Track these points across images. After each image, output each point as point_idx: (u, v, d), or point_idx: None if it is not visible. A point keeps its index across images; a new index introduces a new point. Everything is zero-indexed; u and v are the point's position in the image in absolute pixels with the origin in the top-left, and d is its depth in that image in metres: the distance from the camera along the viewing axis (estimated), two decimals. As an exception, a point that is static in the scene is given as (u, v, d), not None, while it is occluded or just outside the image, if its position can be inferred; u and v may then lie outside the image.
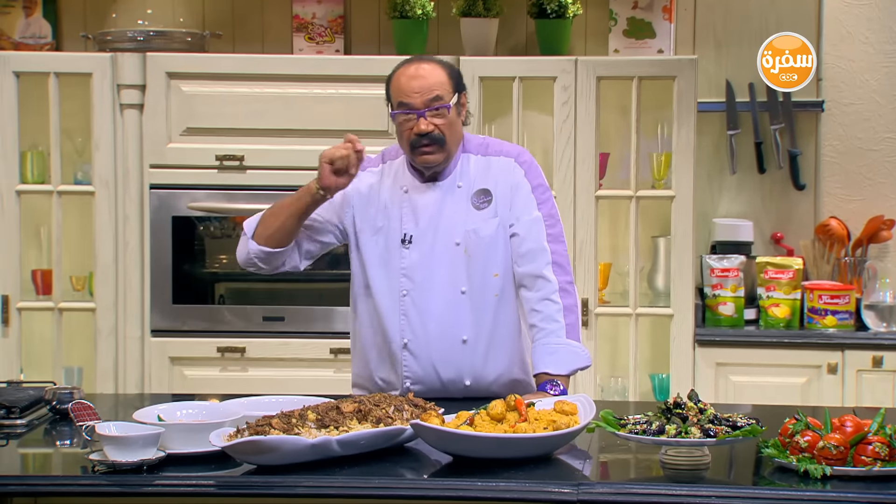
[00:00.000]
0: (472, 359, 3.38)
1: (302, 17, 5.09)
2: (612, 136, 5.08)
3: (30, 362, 4.96)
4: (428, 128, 3.29)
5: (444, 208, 3.38)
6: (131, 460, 2.66)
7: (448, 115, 3.31)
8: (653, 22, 4.96)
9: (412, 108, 3.30)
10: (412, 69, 3.34)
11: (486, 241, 3.36)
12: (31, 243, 5.05)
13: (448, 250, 3.36)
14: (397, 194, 3.41)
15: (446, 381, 3.39)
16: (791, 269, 4.96)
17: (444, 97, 3.31)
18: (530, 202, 3.39)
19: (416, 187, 3.40)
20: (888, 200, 5.16)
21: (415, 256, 3.36)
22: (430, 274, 3.36)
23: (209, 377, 4.82)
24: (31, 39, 5.16)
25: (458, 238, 3.36)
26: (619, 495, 2.58)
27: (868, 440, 2.62)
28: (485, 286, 3.37)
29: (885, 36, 5.13)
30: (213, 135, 4.80)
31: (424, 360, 3.38)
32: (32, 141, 4.96)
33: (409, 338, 3.38)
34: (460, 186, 3.39)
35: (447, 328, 3.36)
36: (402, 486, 2.64)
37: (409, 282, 3.37)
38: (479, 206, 3.38)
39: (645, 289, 4.98)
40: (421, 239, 3.37)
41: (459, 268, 3.36)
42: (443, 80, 3.33)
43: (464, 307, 3.36)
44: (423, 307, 3.36)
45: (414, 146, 3.32)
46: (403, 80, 3.33)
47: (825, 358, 4.77)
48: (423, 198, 3.39)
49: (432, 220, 3.37)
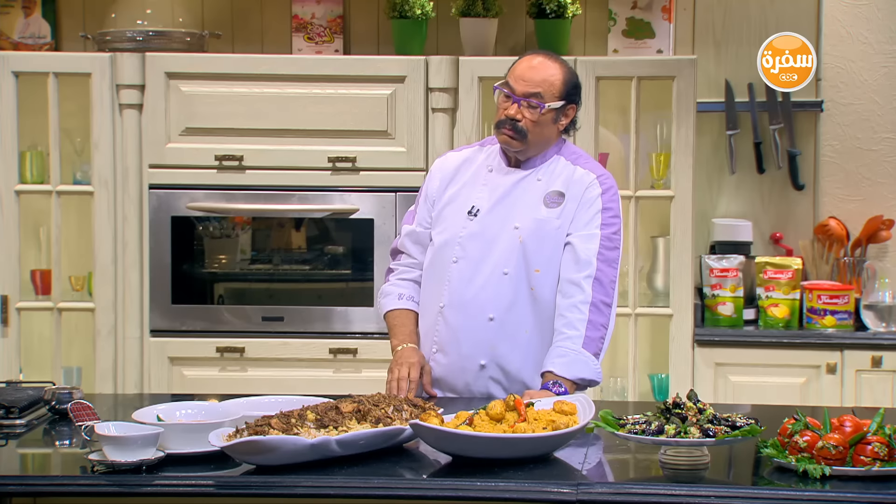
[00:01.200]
0: (494, 339, 3.44)
1: (301, 17, 5.09)
2: (611, 136, 5.08)
3: (29, 362, 4.96)
4: (516, 115, 3.42)
5: (515, 192, 3.48)
6: (130, 460, 2.66)
7: (540, 113, 3.41)
8: (652, 22, 4.96)
9: (513, 91, 3.42)
10: (534, 60, 3.45)
11: (541, 235, 3.43)
12: (30, 243, 5.05)
13: (506, 231, 3.45)
14: (482, 172, 3.55)
15: (465, 353, 3.45)
16: (790, 269, 4.96)
17: (544, 96, 3.41)
18: (595, 219, 3.46)
19: (500, 168, 3.53)
20: (887, 200, 5.16)
21: (475, 228, 3.47)
22: (481, 248, 3.45)
23: (208, 377, 4.82)
24: (30, 39, 5.16)
25: (518, 223, 3.44)
26: (619, 495, 2.58)
27: (867, 440, 2.62)
28: (526, 276, 3.44)
29: (884, 36, 5.13)
30: (212, 135, 4.80)
31: (452, 328, 3.46)
32: (32, 141, 4.95)
33: (444, 302, 3.47)
34: (540, 180, 3.49)
35: (478, 301, 3.44)
36: (401, 486, 2.64)
37: (461, 250, 3.47)
38: (549, 205, 3.46)
39: (644, 289, 4.98)
40: (486, 215, 3.48)
41: (510, 251, 3.44)
42: (553, 82, 3.42)
43: (501, 287, 3.43)
44: (466, 277, 3.46)
45: (499, 125, 3.45)
46: (521, 64, 3.45)
47: (824, 358, 4.77)
48: (502, 179, 3.51)
49: (502, 200, 3.48)
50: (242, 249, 4.96)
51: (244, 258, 4.96)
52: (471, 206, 3.50)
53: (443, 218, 3.54)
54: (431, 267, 3.54)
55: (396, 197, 4.78)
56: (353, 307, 4.83)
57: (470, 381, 3.46)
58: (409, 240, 3.62)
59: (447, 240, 3.50)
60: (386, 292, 3.62)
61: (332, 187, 4.81)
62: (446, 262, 3.49)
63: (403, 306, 3.57)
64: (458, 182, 3.56)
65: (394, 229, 4.76)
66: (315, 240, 4.95)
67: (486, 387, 3.46)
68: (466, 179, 3.55)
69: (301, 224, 4.92)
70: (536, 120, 3.42)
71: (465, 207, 3.50)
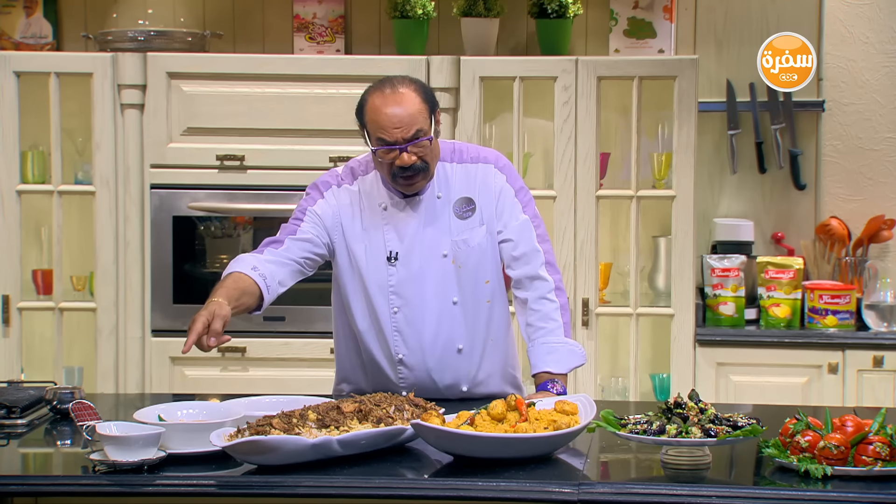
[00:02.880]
0: (468, 366, 3.40)
1: (302, 17, 5.09)
2: (612, 135, 5.08)
3: (30, 362, 4.96)
4: (411, 159, 3.21)
5: (426, 222, 3.33)
6: (132, 460, 2.66)
7: (430, 145, 3.24)
8: (653, 22, 4.96)
9: (393, 143, 3.20)
10: (388, 100, 3.20)
11: (475, 250, 3.35)
12: (31, 243, 5.05)
13: (436, 263, 3.33)
14: (377, 213, 3.34)
15: (443, 388, 3.40)
16: (792, 268, 4.96)
17: (424, 129, 3.21)
18: (516, 207, 3.38)
19: (395, 203, 3.33)
20: (889, 200, 5.15)
21: (402, 273, 3.33)
22: (419, 289, 3.33)
23: (210, 377, 4.82)
24: (31, 39, 5.17)
25: (446, 250, 3.34)
26: (620, 495, 2.58)
27: (869, 440, 2.62)
28: (476, 294, 3.37)
29: (885, 36, 5.13)
30: (213, 135, 4.80)
31: (420, 371, 3.38)
32: (33, 141, 4.96)
33: (403, 353, 3.36)
34: (440, 197, 3.35)
35: (442, 340, 3.36)
36: (402, 486, 2.64)
37: (398, 298, 3.34)
38: (462, 216, 3.35)
39: (645, 289, 4.98)
40: (406, 255, 3.33)
41: (449, 279, 3.34)
42: (421, 109, 3.21)
43: (457, 317, 3.36)
44: (415, 322, 3.34)
45: (395, 176, 3.25)
46: (383, 116, 3.19)
47: (826, 358, 4.77)
48: (403, 214, 3.33)
49: (416, 234, 3.33)
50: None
51: (245, 258, 4.95)
52: (387, 252, 3.32)
53: (354, 270, 3.33)
54: (370, 320, 3.35)
55: (398, 197, 4.78)
56: (354, 307, 4.83)
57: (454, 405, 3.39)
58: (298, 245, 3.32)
59: (377, 291, 3.32)
60: (241, 259, 3.29)
61: (333, 187, 4.80)
62: (384, 315, 3.33)
63: (252, 276, 3.24)
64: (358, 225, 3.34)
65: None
66: (316, 240, 4.94)
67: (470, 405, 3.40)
68: (365, 222, 3.34)
69: (302, 224, 4.91)
70: (429, 150, 3.23)
71: (380, 255, 3.32)
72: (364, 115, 3.26)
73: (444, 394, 3.39)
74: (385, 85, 3.24)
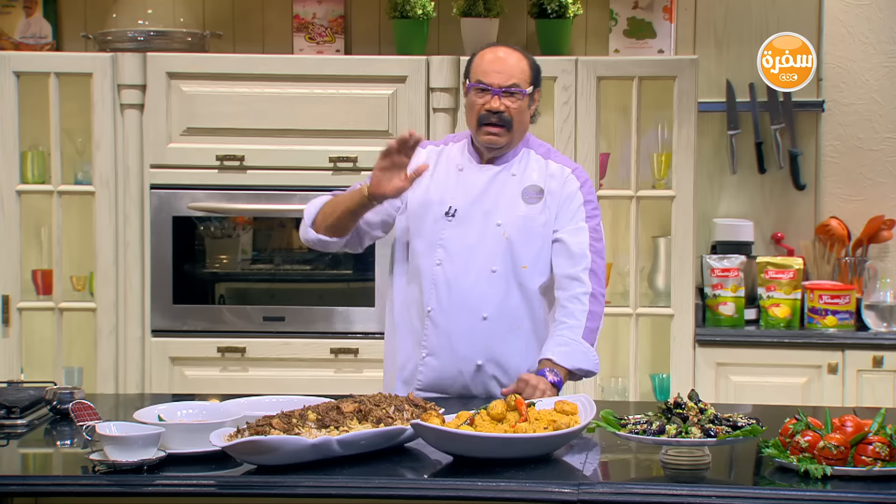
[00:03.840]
0: (489, 338, 3.43)
1: (302, 17, 5.09)
2: (612, 136, 5.08)
3: (30, 362, 4.96)
4: (500, 107, 3.38)
5: (492, 189, 3.45)
6: (132, 460, 2.66)
7: (521, 100, 3.40)
8: (653, 22, 4.96)
9: (489, 86, 3.38)
10: (498, 52, 3.42)
11: (527, 232, 3.43)
12: (31, 243, 5.05)
13: (488, 229, 3.43)
14: (452, 172, 3.49)
15: (460, 356, 3.43)
16: (791, 269, 4.96)
17: (521, 85, 3.39)
18: (580, 213, 3.46)
19: (471, 167, 3.49)
20: (888, 200, 5.15)
21: (455, 230, 3.44)
22: (465, 248, 3.43)
23: (210, 377, 4.82)
24: (31, 39, 5.16)
25: (500, 220, 3.43)
26: (620, 495, 2.58)
27: (868, 440, 2.62)
28: (514, 272, 3.43)
29: (885, 36, 5.13)
30: (213, 135, 4.80)
31: (443, 331, 3.43)
32: (33, 141, 4.95)
33: (432, 306, 3.44)
34: (514, 175, 3.47)
35: (470, 302, 3.42)
36: (402, 486, 2.64)
37: (444, 252, 3.43)
38: (528, 201, 3.45)
39: (645, 289, 4.98)
40: (464, 214, 3.44)
41: (495, 248, 3.42)
42: (524, 69, 3.42)
43: (491, 286, 3.42)
44: (452, 278, 3.42)
45: (481, 122, 3.41)
46: (487, 59, 3.41)
47: (825, 358, 4.77)
48: (475, 177, 3.47)
49: (479, 198, 3.45)
50: (243, 249, 4.96)
51: (245, 258, 4.97)
52: (447, 206, 3.45)
53: (417, 219, 3.48)
54: (410, 271, 3.49)
55: (397, 197, 4.78)
56: (354, 307, 4.83)
57: (468, 383, 3.45)
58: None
59: (427, 243, 3.45)
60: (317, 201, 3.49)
61: (333, 187, 4.78)
62: (428, 265, 3.45)
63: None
64: (428, 179, 3.48)
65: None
66: (316, 240, 4.94)
67: (486, 386, 3.45)
68: (436, 178, 3.49)
69: (302, 224, 4.92)
70: (518, 107, 3.41)
71: (441, 208, 3.46)
72: (470, 67, 3.46)
73: (459, 367, 3.43)
74: (500, 45, 3.49)
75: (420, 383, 3.48)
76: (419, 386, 3.48)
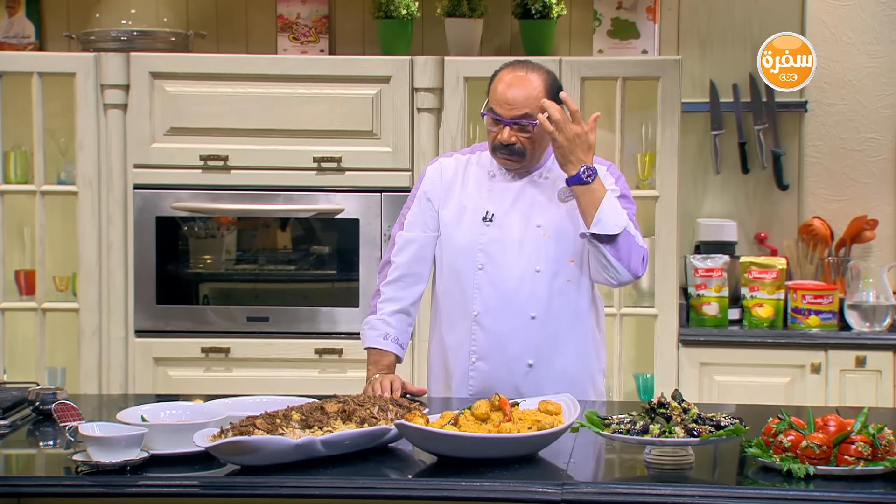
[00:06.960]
0: (539, 337, 3.43)
1: (286, 17, 5.09)
2: (596, 136, 5.07)
3: (13, 363, 4.95)
4: (510, 139, 3.38)
5: (526, 193, 3.47)
6: (115, 461, 2.65)
7: (532, 131, 3.38)
8: (637, 22, 4.97)
9: (501, 116, 3.38)
10: (513, 76, 3.39)
11: (567, 228, 3.42)
12: (14, 243, 5.03)
13: (529, 230, 3.44)
14: (484, 177, 3.51)
15: (511, 356, 3.42)
16: (775, 269, 4.97)
17: (532, 114, 3.35)
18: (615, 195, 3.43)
19: (503, 174, 3.50)
20: (871, 201, 5.17)
21: (494, 233, 3.44)
22: (506, 251, 3.43)
23: (193, 377, 4.81)
24: (14, 39, 5.15)
25: (540, 221, 3.44)
26: (604, 495, 2.58)
27: (851, 440, 2.63)
28: (559, 269, 3.43)
29: (868, 37, 5.15)
30: (197, 135, 4.80)
31: (492, 333, 3.43)
32: (15, 141, 4.94)
33: (479, 310, 3.44)
34: (547, 178, 3.47)
35: (518, 303, 3.42)
36: (386, 487, 2.64)
37: (485, 256, 3.44)
38: (564, 199, 3.45)
39: (629, 289, 4.98)
40: (502, 218, 3.45)
41: (537, 248, 3.43)
42: (537, 97, 3.36)
43: (537, 285, 3.42)
44: (496, 281, 3.42)
45: (495, 150, 3.44)
46: (501, 87, 3.39)
47: (809, 358, 4.78)
48: (508, 183, 3.49)
49: (516, 201, 3.46)
50: (227, 250, 4.95)
51: (229, 258, 4.96)
52: (484, 212, 3.46)
53: (453, 227, 3.49)
54: (452, 279, 3.49)
55: (382, 197, 4.78)
56: (338, 307, 4.83)
57: (518, 383, 3.42)
58: (408, 252, 3.53)
59: (465, 249, 3.45)
60: (371, 325, 3.51)
61: (317, 187, 4.81)
62: (469, 270, 3.44)
63: (387, 348, 3.47)
64: (459, 189, 3.51)
65: (379, 229, 4.75)
66: (300, 240, 4.94)
67: (537, 386, 3.40)
68: (469, 186, 3.51)
69: (286, 224, 4.92)
70: (531, 137, 3.39)
71: (478, 214, 3.46)
72: (490, 87, 3.45)
73: (511, 367, 3.42)
74: (519, 66, 3.45)
75: (471, 388, 3.46)
76: (470, 392, 3.46)
